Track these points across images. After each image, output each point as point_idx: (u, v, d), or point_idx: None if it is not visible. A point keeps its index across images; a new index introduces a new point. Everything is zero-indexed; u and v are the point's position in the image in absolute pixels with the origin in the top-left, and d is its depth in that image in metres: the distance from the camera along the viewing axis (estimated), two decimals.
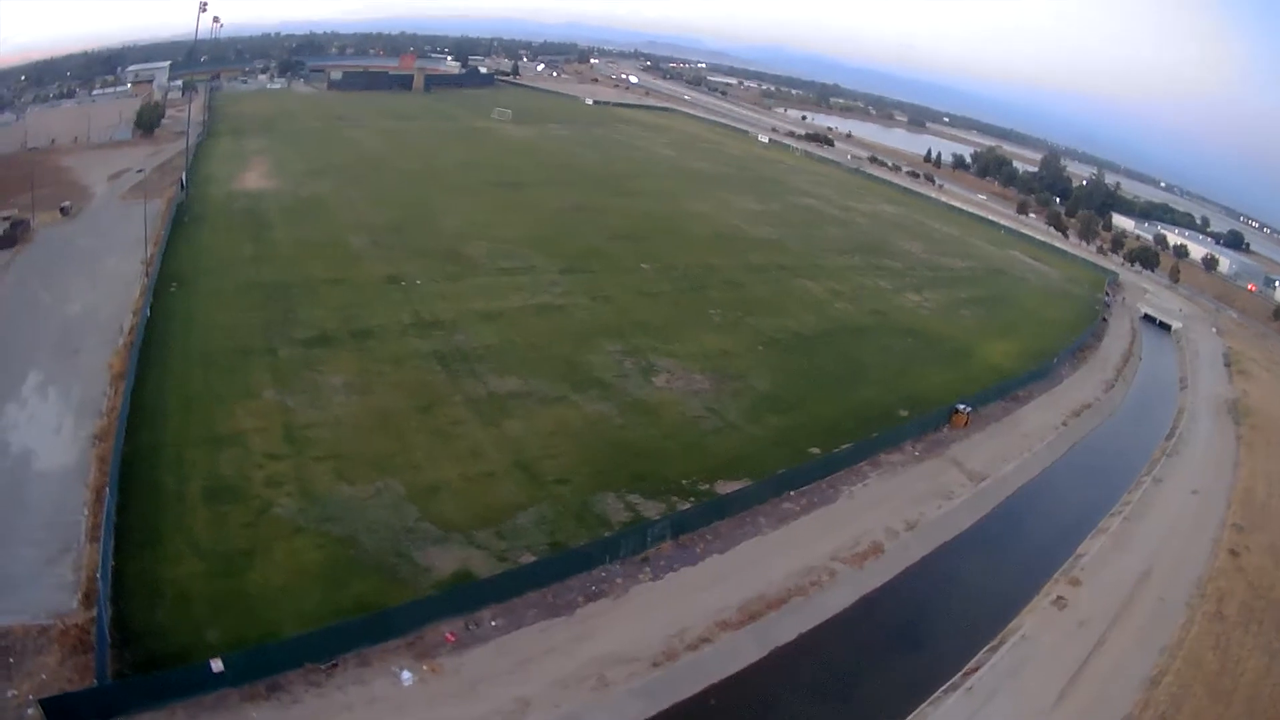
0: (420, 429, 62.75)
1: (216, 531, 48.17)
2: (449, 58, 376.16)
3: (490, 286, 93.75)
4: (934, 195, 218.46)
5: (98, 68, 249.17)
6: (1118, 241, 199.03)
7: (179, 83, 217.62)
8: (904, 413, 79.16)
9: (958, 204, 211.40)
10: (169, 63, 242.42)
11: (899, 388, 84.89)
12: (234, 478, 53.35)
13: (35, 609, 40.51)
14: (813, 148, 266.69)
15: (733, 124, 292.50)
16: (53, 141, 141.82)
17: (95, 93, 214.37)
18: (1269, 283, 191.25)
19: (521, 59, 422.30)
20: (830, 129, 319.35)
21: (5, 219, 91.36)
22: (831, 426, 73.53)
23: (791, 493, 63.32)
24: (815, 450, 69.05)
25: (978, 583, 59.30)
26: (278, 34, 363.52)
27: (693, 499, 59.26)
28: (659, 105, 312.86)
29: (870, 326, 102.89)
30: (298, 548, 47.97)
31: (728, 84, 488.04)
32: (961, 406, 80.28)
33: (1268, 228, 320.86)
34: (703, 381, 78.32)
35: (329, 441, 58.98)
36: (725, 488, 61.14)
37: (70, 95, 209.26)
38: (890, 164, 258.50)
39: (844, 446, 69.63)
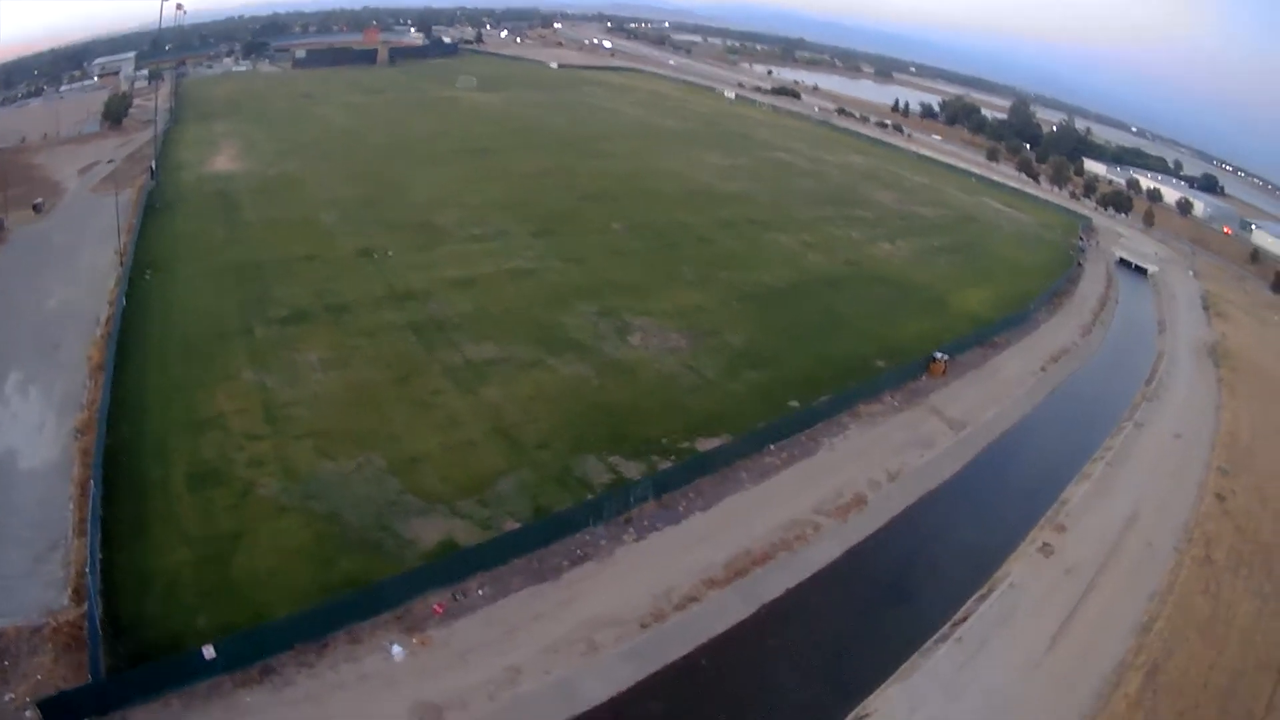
0: (399, 401, 62.68)
1: (202, 517, 48.09)
2: (412, 29, 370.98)
3: (462, 254, 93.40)
4: (903, 145, 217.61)
5: (65, 64, 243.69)
6: (1090, 186, 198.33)
7: (145, 72, 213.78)
8: (881, 363, 79.58)
9: (927, 153, 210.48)
10: (134, 53, 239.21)
11: (875, 338, 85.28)
12: (216, 461, 53.20)
13: (27, 609, 40.46)
14: (780, 102, 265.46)
15: (699, 81, 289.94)
16: (22, 140, 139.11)
17: (63, 89, 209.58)
18: (1245, 225, 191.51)
19: (485, 26, 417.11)
20: (796, 82, 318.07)
21: None
22: (809, 379, 73.85)
23: (772, 447, 63.67)
24: (794, 403, 69.46)
25: (963, 531, 59.75)
26: (241, 16, 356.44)
27: (673, 457, 59.55)
28: (624, 66, 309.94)
29: (844, 278, 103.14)
30: (283, 528, 47.99)
31: (692, 42, 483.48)
32: (938, 355, 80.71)
33: (1241, 171, 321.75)
34: (678, 339, 78.54)
35: (308, 419, 58.86)
36: (705, 444, 61.41)
37: (38, 94, 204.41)
38: (858, 115, 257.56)
39: (822, 399, 70.02)
